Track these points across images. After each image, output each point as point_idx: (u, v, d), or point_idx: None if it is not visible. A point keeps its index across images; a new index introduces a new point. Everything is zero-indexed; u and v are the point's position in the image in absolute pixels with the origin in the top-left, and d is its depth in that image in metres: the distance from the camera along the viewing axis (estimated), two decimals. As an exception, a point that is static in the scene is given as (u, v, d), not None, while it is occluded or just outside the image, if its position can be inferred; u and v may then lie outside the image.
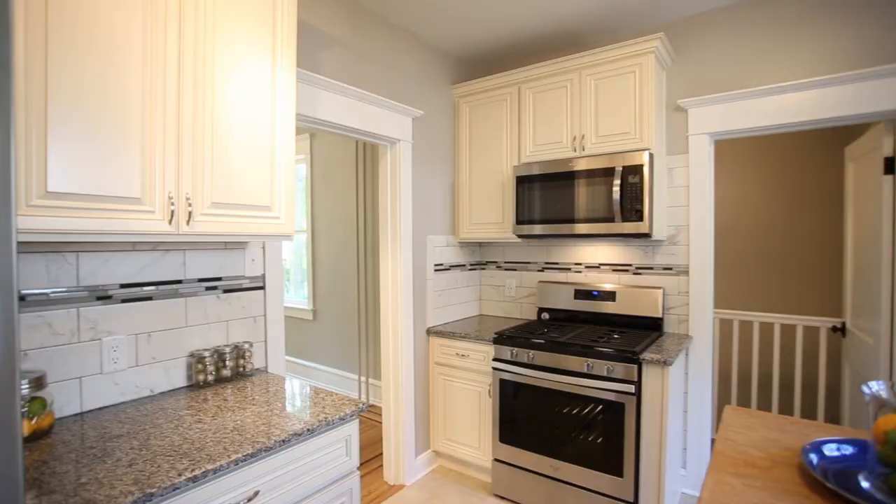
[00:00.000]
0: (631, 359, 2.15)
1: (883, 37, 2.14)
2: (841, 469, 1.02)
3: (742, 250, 3.87)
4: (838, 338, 2.90)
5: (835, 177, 3.23)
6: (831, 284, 3.36)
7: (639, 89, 2.41)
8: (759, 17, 2.42)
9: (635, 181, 2.32)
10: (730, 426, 1.26)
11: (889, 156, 2.19)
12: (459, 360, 2.80)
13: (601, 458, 2.25)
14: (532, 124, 2.78)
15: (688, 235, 2.57)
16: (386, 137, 2.66)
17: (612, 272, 2.84)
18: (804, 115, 2.28)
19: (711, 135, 2.53)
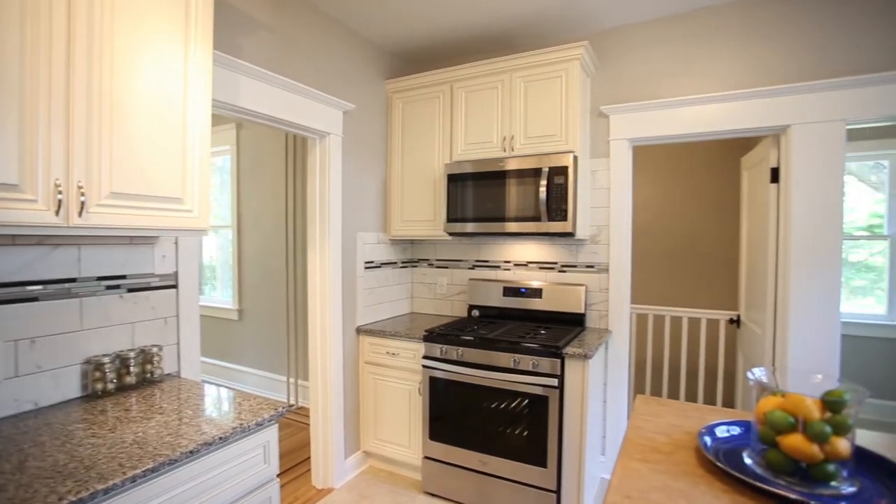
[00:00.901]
0: (554, 353, 2.24)
1: (773, 60, 2.38)
2: (730, 448, 1.12)
3: (656, 250, 4.16)
4: (734, 329, 3.20)
5: (734, 184, 3.55)
6: (730, 281, 3.70)
7: (565, 94, 2.50)
8: (674, 34, 2.60)
9: (561, 182, 2.41)
10: (639, 414, 1.34)
11: (774, 166, 2.44)
12: (390, 358, 2.77)
13: (527, 450, 2.32)
14: (464, 123, 2.80)
15: (608, 235, 2.72)
16: (314, 130, 2.57)
17: (539, 270, 2.94)
18: (710, 127, 2.48)
19: (630, 140, 2.68)
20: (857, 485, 0.97)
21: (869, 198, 3.99)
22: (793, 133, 2.32)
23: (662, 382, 3.31)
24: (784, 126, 2.34)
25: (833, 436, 0.95)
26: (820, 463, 0.95)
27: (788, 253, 2.33)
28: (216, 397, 1.57)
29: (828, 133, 2.25)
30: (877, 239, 3.91)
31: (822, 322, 2.28)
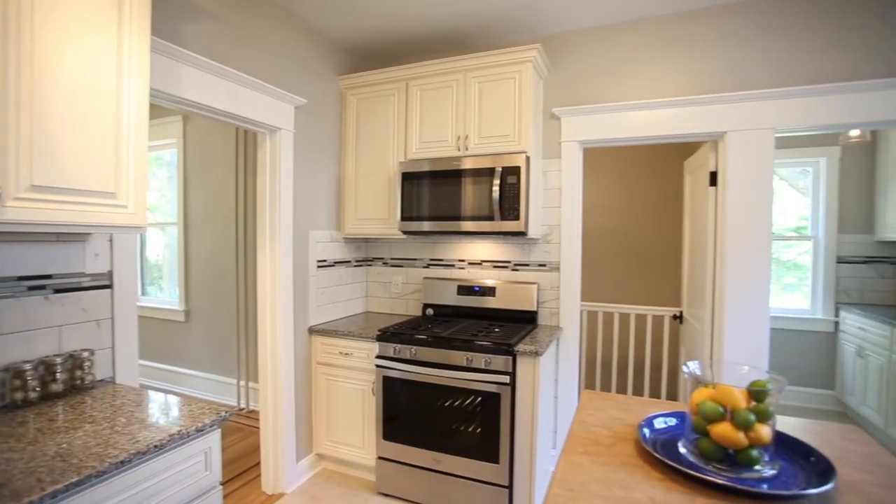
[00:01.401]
0: (507, 351, 2.27)
1: (713, 71, 2.51)
2: (668, 439, 1.17)
3: (606, 249, 4.30)
4: (678, 325, 3.36)
5: (678, 186, 3.73)
6: (674, 279, 3.88)
7: (518, 95, 2.54)
8: (623, 41, 2.69)
9: (513, 182, 2.44)
10: (584, 409, 1.38)
11: (713, 170, 2.58)
12: (343, 358, 2.73)
13: (480, 447, 2.34)
14: (419, 121, 2.79)
15: (559, 234, 2.78)
16: (264, 125, 2.49)
17: (493, 268, 2.98)
18: (655, 131, 2.59)
19: (581, 142, 2.76)
20: (776, 467, 1.04)
21: (798, 202, 4.28)
22: (729, 139, 2.46)
23: (611, 377, 3.43)
24: (721, 132, 2.47)
25: (756, 423, 1.02)
26: (745, 449, 1.02)
27: (724, 252, 2.47)
28: (155, 403, 1.49)
29: (759, 140, 2.40)
30: (803, 240, 4.21)
31: (753, 317, 2.43)
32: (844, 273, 4.00)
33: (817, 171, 4.13)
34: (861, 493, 0.98)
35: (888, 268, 3.89)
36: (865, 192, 3.96)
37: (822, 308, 4.06)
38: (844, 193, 4.01)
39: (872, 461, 1.12)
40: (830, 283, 4.03)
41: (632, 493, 0.94)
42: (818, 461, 1.06)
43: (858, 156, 3.98)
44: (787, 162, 4.19)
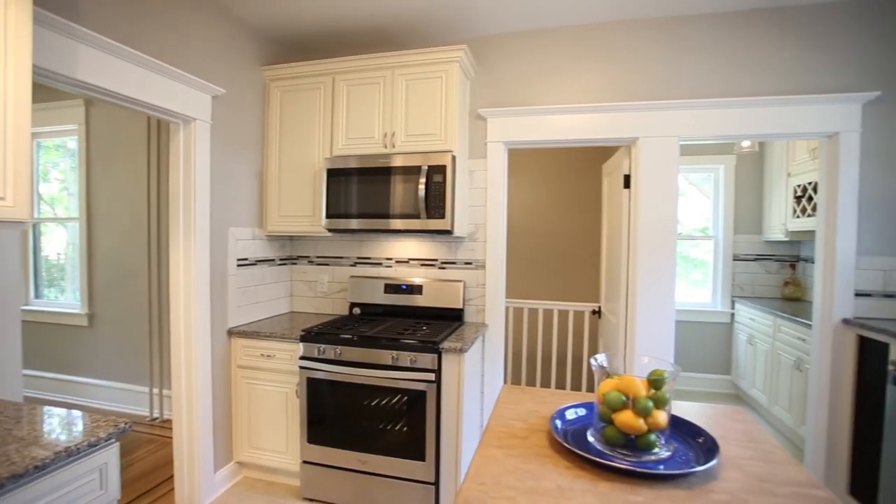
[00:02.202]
0: (432, 349, 2.29)
1: (627, 80, 2.68)
2: (578, 428, 1.24)
3: (530, 247, 4.47)
4: (597, 319, 3.56)
5: (597, 188, 3.95)
6: (594, 276, 4.11)
7: (445, 94, 2.56)
8: (546, 47, 2.79)
9: (439, 181, 2.47)
10: (503, 403, 1.42)
11: (627, 174, 2.76)
12: (265, 360, 2.62)
13: (406, 445, 2.34)
14: (345, 117, 2.74)
15: (485, 233, 2.85)
16: (178, 114, 2.32)
17: (420, 266, 2.98)
18: (575, 134, 2.72)
19: (506, 143, 2.83)
20: (671, 449, 1.13)
21: (705, 205, 4.69)
22: (640, 145, 2.64)
23: (536, 371, 3.57)
24: (634, 138, 2.65)
25: (655, 409, 1.10)
26: (645, 434, 1.09)
27: (636, 250, 2.65)
28: (41, 418, 1.34)
29: (666, 146, 2.60)
30: (706, 239, 4.61)
31: (661, 310, 2.63)
32: (739, 269, 4.44)
33: (717, 177, 4.54)
34: (739, 467, 1.09)
35: (773, 264, 4.36)
36: (755, 196, 4.42)
37: (720, 301, 4.47)
38: (739, 198, 4.45)
39: (750, 437, 1.25)
40: (728, 278, 4.45)
41: (541, 483, 0.98)
42: (706, 440, 1.16)
43: (749, 164, 4.42)
44: (694, 168, 4.57)
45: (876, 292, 2.45)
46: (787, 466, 1.11)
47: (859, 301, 2.46)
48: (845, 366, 2.46)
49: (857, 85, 2.45)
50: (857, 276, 2.46)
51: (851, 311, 2.46)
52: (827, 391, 2.52)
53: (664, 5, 2.52)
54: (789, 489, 1.01)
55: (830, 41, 2.47)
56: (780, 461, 1.13)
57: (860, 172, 2.44)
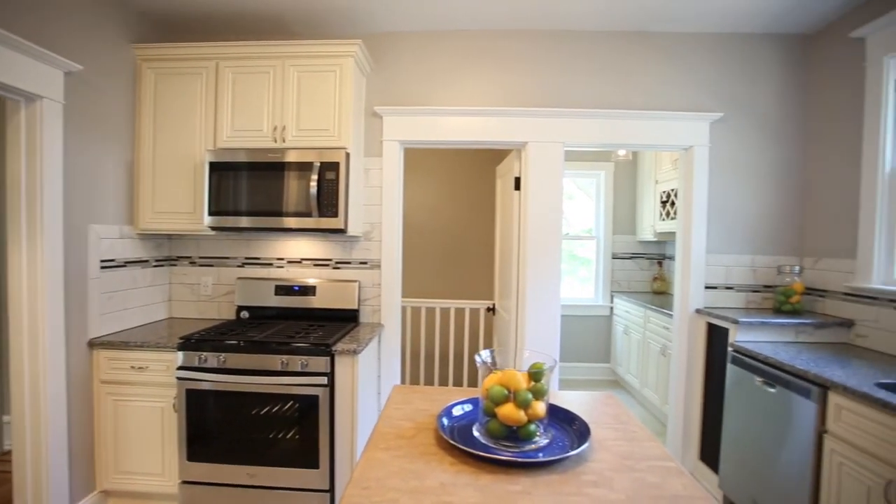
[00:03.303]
0: (324, 351, 2.21)
1: (519, 86, 2.81)
2: (464, 424, 1.27)
3: (428, 246, 4.53)
4: (491, 316, 3.71)
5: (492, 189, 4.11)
6: (489, 274, 4.28)
7: (339, 89, 2.49)
8: (444, 48, 2.84)
9: (332, 178, 2.39)
10: (392, 404, 1.41)
11: (517, 176, 2.91)
12: (136, 374, 2.34)
13: (298, 454, 2.24)
14: (231, 107, 2.54)
15: (381, 232, 2.82)
16: (16, 90, 1.98)
17: (314, 267, 2.87)
18: (470, 136, 2.80)
19: (401, 142, 2.83)
20: (550, 436, 1.20)
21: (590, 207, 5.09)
22: (529, 148, 2.79)
23: (434, 369, 3.62)
24: (523, 142, 2.79)
25: (534, 400, 1.16)
26: (525, 425, 1.15)
27: (526, 249, 2.80)
28: None
29: (552, 151, 2.78)
30: (590, 239, 5.02)
31: (548, 306, 2.81)
32: (617, 267, 4.90)
33: (599, 182, 4.97)
34: (608, 448, 1.19)
35: (645, 262, 4.88)
36: (630, 200, 4.91)
37: (602, 296, 4.90)
38: (617, 201, 4.91)
39: (618, 420, 1.38)
40: (608, 275, 4.89)
41: (425, 482, 0.98)
42: (580, 425, 1.25)
43: (625, 171, 4.90)
44: (581, 173, 4.95)
45: (720, 285, 2.85)
46: (646, 444, 1.23)
47: (708, 293, 2.84)
48: (698, 349, 2.82)
49: (707, 105, 2.81)
50: (707, 271, 2.83)
51: (702, 301, 2.83)
52: (684, 372, 2.87)
53: (553, 20, 2.69)
54: (647, 464, 1.12)
55: (688, 66, 2.82)
56: (641, 439, 1.26)
57: (709, 181, 2.82)
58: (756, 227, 2.84)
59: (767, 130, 2.83)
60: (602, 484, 1.01)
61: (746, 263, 2.84)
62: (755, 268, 2.84)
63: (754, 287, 2.85)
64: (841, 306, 2.52)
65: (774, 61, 2.82)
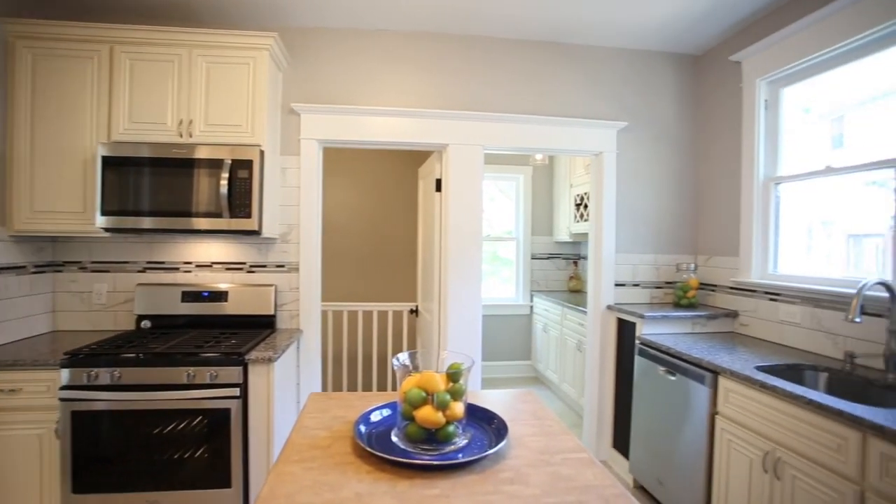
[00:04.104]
0: (237, 360, 2.07)
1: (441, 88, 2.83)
2: (383, 430, 1.24)
3: (350, 249, 4.44)
4: (414, 318, 3.69)
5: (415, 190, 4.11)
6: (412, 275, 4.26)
7: (252, 84, 2.36)
8: (367, 47, 2.79)
9: (245, 177, 2.26)
10: (308, 413, 1.35)
11: (438, 178, 2.92)
12: (6, 398, 2.04)
13: (209, 473, 2.07)
14: (128, 97, 2.31)
15: (299, 234, 2.71)
16: None
17: (226, 271, 2.69)
18: (392, 137, 2.77)
19: (321, 141, 2.74)
20: (468, 436, 1.21)
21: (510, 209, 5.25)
22: (450, 151, 2.82)
23: (357, 374, 3.53)
24: (444, 144, 2.82)
25: (452, 401, 1.16)
26: (444, 426, 1.14)
27: (447, 250, 2.82)
28: None
29: (472, 154, 2.83)
30: (511, 240, 5.19)
31: (469, 306, 2.85)
32: (536, 267, 5.10)
33: (518, 185, 5.14)
34: (525, 444, 1.22)
35: (562, 262, 5.13)
36: (547, 203, 5.14)
37: (522, 295, 5.08)
38: (535, 203, 5.11)
39: (535, 416, 1.42)
40: (527, 275, 5.07)
41: (339, 493, 0.94)
42: (498, 423, 1.27)
43: (543, 175, 5.12)
44: (502, 176, 5.09)
45: (628, 282, 3.05)
46: (561, 437, 1.28)
47: (618, 290, 3.03)
48: (609, 343, 3.00)
49: (615, 115, 3.01)
50: (616, 270, 3.02)
51: (613, 298, 3.02)
52: (597, 366, 3.05)
53: (473, 25, 2.74)
54: (561, 457, 1.16)
55: (597, 77, 3.00)
56: (556, 433, 1.31)
57: (617, 186, 3.01)
58: (658, 229, 3.08)
59: (666, 140, 3.08)
60: (518, 480, 1.03)
61: (650, 262, 3.07)
62: (658, 266, 3.08)
63: (657, 283, 3.08)
64: (728, 299, 2.80)
65: (671, 77, 3.08)
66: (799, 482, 1.64)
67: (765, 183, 2.58)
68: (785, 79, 2.49)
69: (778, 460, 1.72)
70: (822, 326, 2.20)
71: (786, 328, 2.39)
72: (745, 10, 2.53)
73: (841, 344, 2.11)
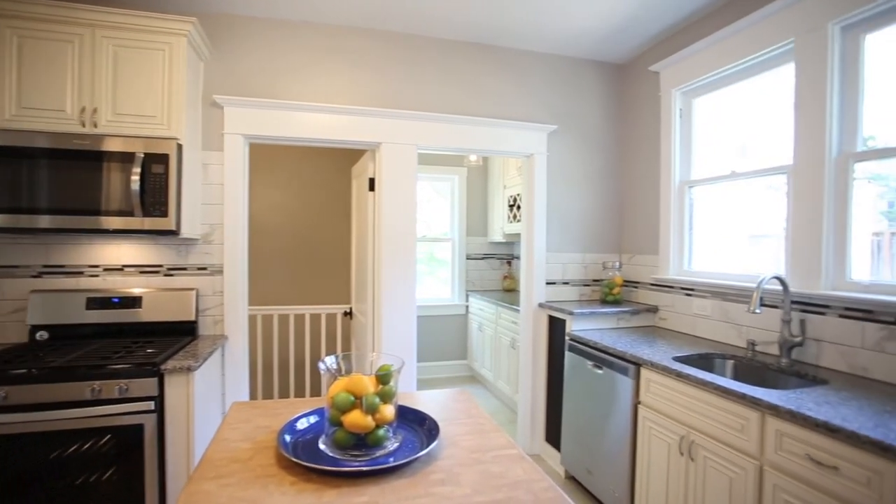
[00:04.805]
0: (151, 371, 1.91)
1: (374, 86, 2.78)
2: (310, 438, 1.19)
3: (281, 250, 4.26)
4: (348, 320, 3.61)
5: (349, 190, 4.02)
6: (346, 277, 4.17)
7: (168, 72, 2.18)
8: (295, 39, 2.67)
9: (160, 172, 2.09)
10: (228, 424, 1.26)
11: (372, 177, 2.87)
12: None
13: (119, 497, 1.88)
14: (16, 79, 2.06)
15: (223, 234, 2.55)
16: None
17: (139, 274, 2.47)
18: (324, 134, 2.68)
19: (246, 136, 2.60)
20: (399, 439, 1.18)
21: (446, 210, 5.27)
22: (383, 149, 2.77)
23: (289, 380, 3.39)
24: (378, 143, 2.77)
25: (382, 404, 1.13)
26: (373, 431, 1.11)
27: (381, 251, 2.78)
28: None
29: (405, 153, 2.81)
30: (446, 240, 5.21)
31: (404, 307, 2.82)
32: (472, 267, 5.16)
33: (453, 186, 5.18)
34: (456, 443, 1.22)
35: (496, 262, 5.23)
36: (482, 203, 5.22)
37: (458, 295, 5.12)
38: (470, 204, 5.17)
39: (468, 414, 1.42)
40: (463, 275, 5.12)
41: (260, 508, 0.89)
42: (430, 424, 1.26)
43: (477, 176, 5.20)
44: (438, 177, 5.10)
45: (559, 280, 3.16)
46: (492, 434, 1.29)
47: (549, 288, 3.13)
48: (541, 340, 3.09)
49: (545, 118, 3.11)
50: (548, 268, 3.12)
51: (544, 296, 3.11)
52: (530, 362, 3.13)
53: (407, 23, 2.71)
54: (492, 454, 1.17)
55: (528, 80, 3.08)
56: (488, 431, 1.31)
57: (548, 187, 3.11)
58: (586, 229, 3.22)
59: (594, 144, 3.23)
60: (449, 481, 1.02)
61: (579, 261, 3.20)
62: (586, 264, 3.22)
63: (586, 281, 3.22)
64: (649, 295, 2.98)
65: (597, 84, 3.23)
66: (710, 462, 1.76)
67: (680, 186, 2.77)
68: (696, 90, 2.69)
69: (692, 443, 1.84)
70: (729, 318, 2.39)
71: (699, 321, 2.58)
72: (658, 25, 2.70)
73: (745, 333, 2.30)
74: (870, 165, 1.88)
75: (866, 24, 1.86)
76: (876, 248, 1.91)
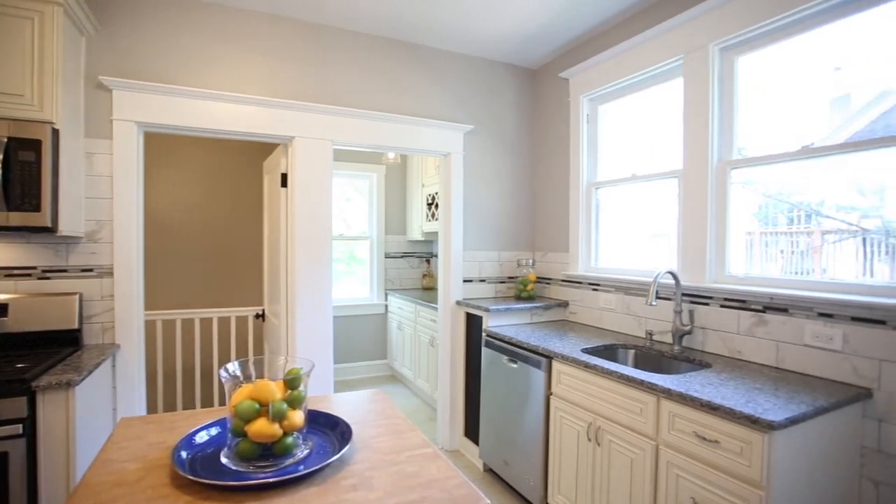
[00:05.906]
0: (18, 389, 1.66)
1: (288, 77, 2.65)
2: (210, 452, 1.10)
3: (185, 250, 3.93)
4: (260, 323, 3.42)
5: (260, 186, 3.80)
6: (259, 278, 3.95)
7: (38, 45, 1.91)
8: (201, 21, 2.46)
9: (31, 160, 1.83)
10: (114, 443, 1.13)
11: (284, 172, 2.74)
12: None
13: (-25, 534, 1.63)
14: None
15: (112, 232, 2.29)
16: None
17: (5, 278, 2.15)
18: (232, 126, 2.51)
19: (141, 124, 2.35)
20: (310, 446, 1.13)
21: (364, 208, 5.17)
22: (297, 144, 2.65)
23: (195, 390, 3.14)
24: (291, 137, 2.64)
25: (290, 410, 1.07)
26: (281, 439, 1.05)
27: (294, 250, 2.66)
28: None
29: (320, 148, 2.71)
30: (364, 239, 5.12)
31: (319, 308, 2.72)
32: (390, 266, 5.11)
33: (372, 184, 5.10)
34: (370, 446, 1.19)
35: (415, 260, 5.23)
36: (400, 202, 5.19)
37: (377, 295, 5.05)
38: (389, 202, 5.12)
39: (383, 416, 1.40)
40: (382, 274, 5.06)
41: (148, 534, 0.80)
42: (343, 428, 1.22)
43: (396, 174, 5.16)
44: (354, 174, 4.98)
45: (475, 278, 3.23)
46: (408, 434, 1.28)
47: (466, 286, 3.19)
48: (459, 337, 3.14)
49: (461, 118, 3.15)
50: (465, 266, 3.17)
51: (462, 294, 3.16)
52: (449, 359, 3.16)
53: (324, 14, 2.61)
54: (407, 454, 1.16)
55: (446, 80, 3.10)
56: (403, 431, 1.30)
57: (464, 186, 3.16)
58: (501, 227, 3.31)
59: (508, 145, 3.33)
60: (362, 486, 1.00)
61: (495, 259, 3.29)
62: (501, 262, 3.32)
63: (501, 279, 3.32)
64: (560, 290, 3.13)
65: (512, 87, 3.34)
66: (614, 445, 1.89)
67: (588, 187, 2.94)
68: (602, 97, 2.87)
69: (598, 429, 1.97)
70: (631, 311, 2.58)
71: (605, 314, 2.76)
72: (569, 34, 2.84)
73: (644, 324, 2.50)
74: (744, 172, 2.13)
75: (738, 48, 2.11)
76: (749, 245, 2.16)
